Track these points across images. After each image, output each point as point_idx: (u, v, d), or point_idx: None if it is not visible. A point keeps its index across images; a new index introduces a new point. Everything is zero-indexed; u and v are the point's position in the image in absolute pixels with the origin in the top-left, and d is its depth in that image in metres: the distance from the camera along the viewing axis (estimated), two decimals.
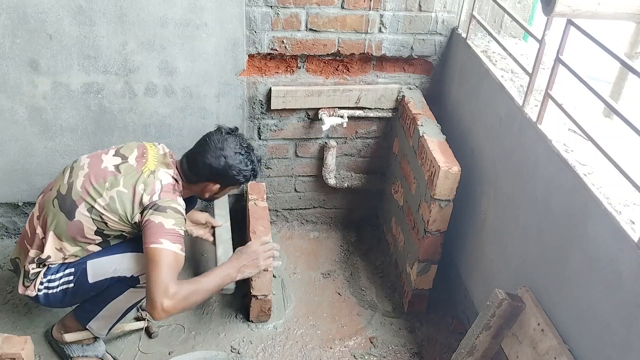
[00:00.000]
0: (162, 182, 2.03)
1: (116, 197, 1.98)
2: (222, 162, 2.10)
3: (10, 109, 2.48)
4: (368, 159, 3.01)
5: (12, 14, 2.27)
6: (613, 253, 1.57)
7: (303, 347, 2.47)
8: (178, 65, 2.51)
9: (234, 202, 3.00)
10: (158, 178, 2.03)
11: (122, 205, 1.98)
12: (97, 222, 2.00)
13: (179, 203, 2.03)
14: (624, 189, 1.65)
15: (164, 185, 2.03)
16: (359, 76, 2.74)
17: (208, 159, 2.09)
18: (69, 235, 2.02)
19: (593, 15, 1.64)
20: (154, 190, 1.99)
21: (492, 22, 2.69)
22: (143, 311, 2.52)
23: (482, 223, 2.38)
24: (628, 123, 1.54)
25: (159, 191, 2.00)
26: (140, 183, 2.00)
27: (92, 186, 2.00)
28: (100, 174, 2.03)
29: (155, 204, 1.97)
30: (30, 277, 2.06)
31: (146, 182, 2.00)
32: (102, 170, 2.04)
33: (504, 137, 2.19)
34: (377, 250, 3.05)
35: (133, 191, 1.99)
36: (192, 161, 2.13)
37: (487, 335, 2.00)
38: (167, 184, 2.04)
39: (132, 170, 2.04)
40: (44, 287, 2.06)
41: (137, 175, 2.02)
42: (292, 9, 2.49)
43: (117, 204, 1.98)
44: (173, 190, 2.05)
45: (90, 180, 2.02)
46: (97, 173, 2.03)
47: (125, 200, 1.98)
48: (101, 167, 2.05)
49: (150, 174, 2.03)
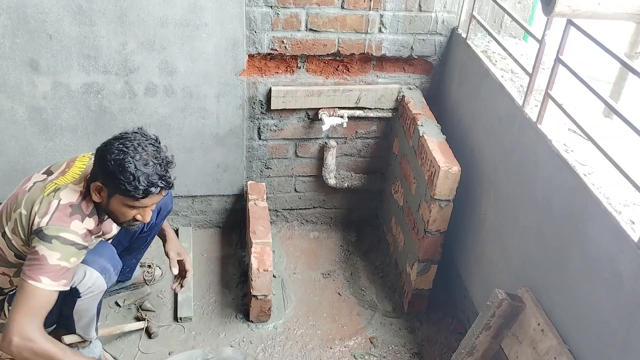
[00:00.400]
0: (59, 202, 1.80)
1: (17, 220, 1.83)
2: (114, 150, 1.77)
3: (10, 109, 2.48)
4: (368, 159, 3.01)
5: (12, 14, 2.27)
6: (613, 253, 1.57)
7: (303, 347, 2.47)
8: (178, 65, 2.51)
9: (234, 202, 3.00)
10: (58, 197, 1.81)
11: (22, 227, 1.82)
12: (12, 247, 1.89)
13: (71, 230, 1.78)
14: (624, 189, 1.65)
15: (61, 205, 1.80)
16: (359, 76, 2.75)
17: (102, 148, 1.82)
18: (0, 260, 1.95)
19: (593, 15, 1.64)
20: (46, 212, 1.78)
21: (492, 22, 2.69)
22: (143, 311, 2.52)
23: (482, 223, 2.38)
24: (628, 123, 1.54)
25: (51, 214, 1.78)
26: (38, 203, 1.80)
27: (6, 210, 1.89)
28: (16, 195, 1.89)
29: (41, 231, 1.76)
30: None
31: (42, 202, 1.80)
32: (20, 190, 1.90)
33: (504, 137, 2.19)
34: (377, 250, 3.05)
35: (29, 212, 1.81)
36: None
37: (487, 335, 2.00)
38: (64, 205, 1.80)
39: (39, 188, 1.86)
40: None
41: (40, 193, 1.83)
42: (292, 9, 2.49)
43: (19, 227, 1.83)
44: (70, 212, 1.81)
45: (7, 204, 1.91)
46: (15, 195, 1.90)
47: (23, 222, 1.82)
48: (23, 187, 1.90)
49: (52, 192, 1.83)
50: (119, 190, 1.79)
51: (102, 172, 1.80)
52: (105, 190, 1.83)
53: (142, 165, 1.78)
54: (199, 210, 3.00)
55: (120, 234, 2.27)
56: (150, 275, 2.67)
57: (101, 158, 1.80)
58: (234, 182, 2.91)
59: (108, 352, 2.33)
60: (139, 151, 1.79)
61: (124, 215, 1.89)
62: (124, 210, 1.86)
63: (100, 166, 1.81)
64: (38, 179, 1.92)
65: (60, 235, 1.77)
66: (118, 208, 1.86)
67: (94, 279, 1.98)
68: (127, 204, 1.84)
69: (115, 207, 1.86)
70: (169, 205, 2.38)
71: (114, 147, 1.79)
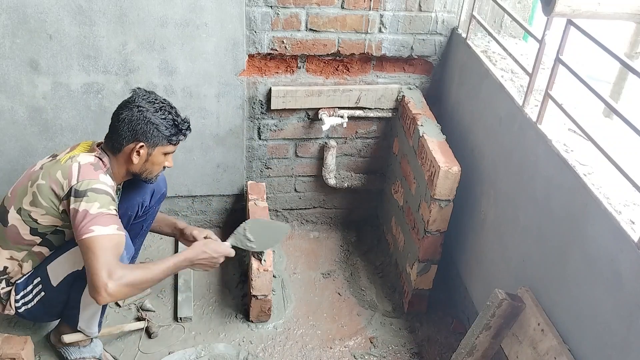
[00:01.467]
0: (80, 163, 1.94)
1: (37, 191, 1.94)
2: (136, 112, 1.97)
3: (10, 109, 2.48)
4: (368, 159, 3.01)
5: (12, 14, 2.27)
6: (613, 253, 1.57)
7: (303, 347, 2.47)
8: (178, 65, 2.51)
9: (234, 202, 3.00)
10: (76, 161, 1.95)
11: (43, 197, 1.93)
12: (28, 221, 1.97)
13: (101, 181, 1.92)
14: (624, 189, 1.65)
15: (82, 165, 1.94)
16: (359, 76, 2.75)
17: (122, 114, 1.98)
18: (10, 241, 2.02)
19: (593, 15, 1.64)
20: (71, 175, 1.92)
21: (492, 22, 2.69)
22: (143, 311, 2.52)
23: (482, 223, 2.38)
24: (628, 123, 1.54)
25: (77, 174, 1.92)
26: (58, 170, 1.94)
27: (19, 188, 2.00)
28: (27, 175, 2.03)
29: (74, 190, 1.89)
30: (2, 297, 2.08)
31: (63, 168, 1.94)
32: (29, 172, 2.04)
33: (504, 137, 2.19)
34: (377, 250, 3.05)
35: (51, 180, 1.93)
36: (111, 128, 2.03)
37: (487, 335, 2.00)
38: (85, 164, 1.95)
39: (53, 162, 2.00)
40: (21, 304, 2.07)
41: (55, 164, 1.97)
42: (292, 9, 2.49)
43: (40, 197, 1.94)
44: (94, 168, 1.95)
45: (18, 185, 2.02)
46: (25, 176, 2.03)
47: (45, 191, 1.93)
48: (31, 170, 2.04)
49: (69, 159, 1.97)
50: (164, 139, 2.03)
51: (144, 130, 1.99)
52: (145, 147, 2.01)
53: (175, 112, 2.06)
54: (199, 210, 3.00)
55: None
56: None
57: (137, 118, 1.97)
58: (234, 182, 2.91)
59: (108, 352, 2.33)
60: (161, 102, 2.04)
61: (159, 166, 2.10)
62: (161, 160, 2.08)
63: (138, 126, 1.98)
64: (44, 161, 2.03)
65: (93, 186, 1.89)
66: (158, 159, 2.07)
67: None
68: (166, 151, 2.08)
69: (156, 159, 2.06)
70: (163, 188, 2.39)
71: (142, 105, 1.99)
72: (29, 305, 2.07)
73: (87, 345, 2.25)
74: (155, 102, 2.02)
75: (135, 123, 1.98)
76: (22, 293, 2.06)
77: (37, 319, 2.17)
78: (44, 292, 2.06)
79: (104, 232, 1.85)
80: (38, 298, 2.07)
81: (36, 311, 2.10)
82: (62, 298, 2.08)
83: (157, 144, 2.03)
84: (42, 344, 2.34)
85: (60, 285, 2.04)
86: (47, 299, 2.07)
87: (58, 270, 2.03)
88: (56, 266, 2.03)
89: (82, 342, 2.23)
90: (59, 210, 1.93)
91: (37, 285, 2.05)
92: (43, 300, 2.07)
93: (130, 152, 2.01)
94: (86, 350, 2.25)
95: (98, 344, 2.29)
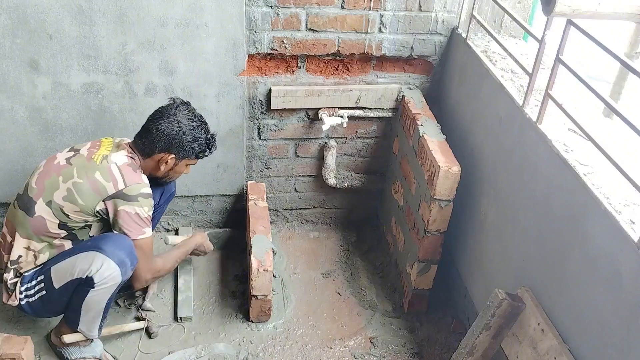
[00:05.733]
0: (117, 164, 2.05)
1: (73, 189, 2.00)
2: (176, 127, 2.11)
3: (10, 109, 2.48)
4: (368, 159, 3.01)
5: (12, 14, 2.27)
6: (613, 253, 1.57)
7: (303, 347, 2.47)
8: (178, 65, 2.51)
9: (234, 201, 3.00)
10: (112, 161, 2.05)
11: (80, 195, 2.00)
12: (58, 215, 2.03)
13: (145, 183, 2.09)
14: (624, 189, 1.65)
15: (121, 167, 2.05)
16: (359, 76, 2.75)
17: (161, 125, 2.10)
18: (33, 231, 2.05)
19: (593, 15, 1.64)
20: (114, 177, 2.02)
21: (492, 22, 2.69)
22: (143, 311, 2.52)
23: (482, 223, 2.38)
24: (628, 123, 1.54)
25: (121, 177, 2.03)
26: (96, 171, 2.02)
27: (47, 180, 2.04)
28: (52, 168, 2.07)
29: (124, 194, 2.02)
30: (9, 287, 2.10)
31: (101, 169, 2.02)
32: (54, 165, 2.08)
33: (504, 137, 2.19)
34: (377, 250, 3.05)
35: (90, 180, 2.01)
36: (145, 131, 2.14)
37: (487, 335, 2.00)
38: (123, 165, 2.06)
39: (83, 160, 2.06)
40: (24, 297, 2.09)
41: (89, 163, 2.04)
42: (292, 9, 2.49)
43: (76, 194, 2.00)
44: (133, 168, 2.08)
45: (44, 176, 2.06)
46: (50, 169, 2.08)
47: (83, 190, 2.00)
48: (54, 163, 2.10)
49: (103, 159, 2.05)
50: (193, 154, 2.20)
51: (178, 143, 2.13)
52: (174, 158, 2.17)
53: (207, 130, 2.21)
54: (199, 210, 3.00)
55: None
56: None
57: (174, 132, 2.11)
58: (234, 182, 2.91)
59: (108, 352, 2.33)
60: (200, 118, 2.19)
61: (180, 174, 2.30)
62: (183, 170, 2.27)
63: (174, 139, 2.12)
64: (68, 155, 2.11)
65: (142, 191, 2.06)
66: (180, 169, 2.25)
67: (111, 270, 2.01)
68: (192, 163, 2.28)
69: (180, 168, 2.24)
70: (172, 188, 2.54)
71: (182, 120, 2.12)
72: (30, 299, 2.09)
73: (87, 345, 2.25)
74: (194, 119, 2.15)
75: (173, 137, 2.11)
76: (26, 286, 2.08)
77: (38, 314, 2.19)
78: (45, 291, 2.07)
79: (150, 234, 2.14)
80: (39, 295, 2.08)
81: (37, 307, 2.11)
82: (62, 300, 2.09)
83: (185, 157, 2.20)
84: (42, 344, 2.34)
85: (62, 289, 2.05)
86: (48, 298, 2.08)
87: (61, 273, 2.04)
88: (60, 269, 2.04)
89: (82, 342, 2.24)
90: (95, 208, 2.03)
91: (40, 283, 2.07)
92: (43, 298, 2.08)
93: (159, 160, 2.15)
94: (86, 350, 2.25)
95: (98, 344, 2.29)
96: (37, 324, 2.43)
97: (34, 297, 2.09)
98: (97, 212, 2.04)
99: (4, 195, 2.72)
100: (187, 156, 2.19)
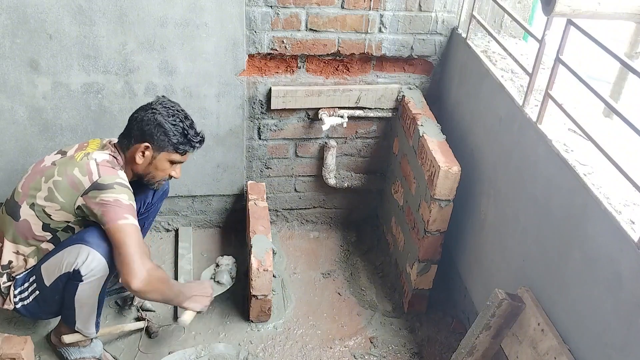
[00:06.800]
0: (96, 160, 2.00)
1: (53, 187, 1.97)
2: (151, 116, 2.03)
3: (10, 109, 2.48)
4: (368, 159, 3.01)
5: (12, 14, 2.27)
6: (613, 253, 1.57)
7: (303, 347, 2.47)
8: (178, 65, 2.51)
9: (234, 202, 3.00)
10: (92, 158, 2.00)
11: (60, 193, 1.97)
12: (41, 217, 2.00)
13: (121, 177, 2.00)
14: (624, 189, 1.65)
15: (99, 162, 1.99)
16: (359, 76, 2.75)
17: (139, 115, 2.06)
18: (20, 236, 2.04)
19: (593, 15, 1.64)
20: (90, 171, 1.97)
21: (492, 22, 2.69)
22: (143, 311, 2.52)
23: (482, 223, 2.38)
24: (628, 123, 1.54)
25: (97, 170, 1.97)
26: (75, 167, 1.98)
27: (31, 183, 2.02)
28: (38, 171, 2.05)
29: (98, 184, 1.94)
30: (3, 291, 2.09)
31: (80, 165, 1.98)
32: (40, 168, 2.06)
33: (504, 137, 2.19)
34: (377, 250, 3.05)
35: (68, 177, 1.97)
36: (126, 126, 2.10)
37: (487, 335, 2.00)
38: (102, 161, 2.00)
39: (66, 159, 2.03)
40: (18, 300, 2.09)
41: (70, 161, 2.01)
42: (292, 9, 2.49)
43: (56, 192, 1.97)
44: (112, 165, 2.02)
45: (29, 180, 2.04)
46: (36, 171, 2.06)
47: (62, 187, 1.97)
48: (40, 166, 2.07)
49: (84, 156, 2.01)
50: (170, 146, 2.06)
51: (152, 131, 2.03)
52: (151, 149, 2.06)
53: (189, 124, 2.08)
54: (199, 210, 3.00)
55: None
56: None
57: (149, 119, 2.03)
58: (234, 182, 2.91)
59: (108, 352, 2.33)
60: (180, 112, 2.08)
61: (163, 172, 2.13)
62: (166, 166, 2.11)
63: (148, 126, 2.03)
64: (54, 158, 2.07)
65: (117, 181, 1.96)
66: (161, 165, 2.10)
67: (97, 261, 1.98)
68: (172, 159, 2.11)
69: (160, 164, 2.10)
70: (165, 185, 2.44)
71: (159, 108, 2.04)
72: (25, 302, 2.09)
73: (87, 345, 2.25)
74: (171, 109, 2.07)
75: (145, 123, 2.04)
76: (19, 289, 2.08)
77: (35, 316, 2.18)
78: (38, 291, 2.07)
79: (136, 223, 1.94)
80: (33, 296, 2.08)
81: (32, 308, 2.11)
82: (56, 298, 2.08)
83: (162, 148, 2.07)
84: (42, 344, 2.34)
85: (52, 286, 2.04)
86: (42, 298, 2.08)
87: (51, 270, 2.03)
88: (49, 266, 2.04)
89: (82, 343, 2.23)
90: (74, 205, 1.97)
91: (33, 284, 2.07)
92: (38, 299, 2.08)
93: (135, 151, 2.06)
94: (86, 351, 2.25)
95: (98, 344, 2.29)
96: (37, 324, 2.43)
97: (29, 298, 2.08)
98: (76, 210, 1.98)
99: (4, 195, 2.71)
100: (164, 147, 2.06)
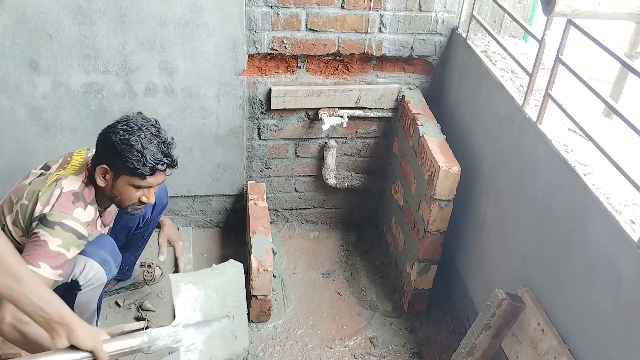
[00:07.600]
0: (62, 190, 1.84)
1: (19, 211, 1.85)
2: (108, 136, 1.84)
3: (10, 109, 2.48)
4: (368, 159, 3.01)
5: (12, 14, 2.27)
6: (613, 253, 1.57)
7: (303, 347, 2.47)
8: (178, 65, 2.51)
9: (234, 201, 3.00)
10: (60, 186, 1.85)
11: (23, 218, 1.84)
12: (10, 239, 1.87)
13: (75, 217, 1.82)
14: (624, 189, 1.65)
15: (63, 193, 1.83)
16: (359, 76, 2.75)
17: (102, 133, 1.88)
18: None
19: (593, 15, 1.64)
20: (48, 201, 1.81)
21: (492, 22, 2.69)
22: (143, 311, 2.52)
23: (482, 223, 2.38)
24: (628, 123, 1.54)
25: (53, 202, 1.81)
26: (41, 193, 1.83)
27: (7, 203, 1.91)
28: (16, 190, 1.92)
29: (44, 218, 1.78)
30: None
31: (45, 191, 1.84)
32: (21, 186, 1.93)
33: (504, 137, 2.19)
34: (377, 250, 3.05)
35: (32, 202, 1.83)
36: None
37: (487, 335, 2.00)
38: (66, 192, 1.84)
39: (40, 181, 1.89)
40: None
41: (42, 184, 1.87)
42: (292, 9, 2.49)
43: (20, 217, 1.85)
44: (73, 200, 1.84)
45: (8, 197, 1.93)
46: (16, 189, 1.93)
47: (25, 212, 1.84)
48: (22, 183, 1.95)
49: (54, 182, 1.86)
50: (126, 169, 1.84)
51: (108, 154, 1.84)
52: (111, 172, 1.87)
53: (147, 143, 1.84)
54: (199, 210, 3.00)
55: (117, 231, 2.27)
56: (150, 275, 2.66)
57: (106, 140, 1.85)
58: (234, 182, 2.91)
59: None
60: (143, 130, 1.85)
61: (130, 198, 1.92)
62: (130, 191, 1.90)
63: (105, 148, 1.85)
64: (35, 175, 1.96)
65: (63, 221, 1.79)
66: (124, 190, 1.90)
67: (95, 270, 1.95)
68: (134, 184, 1.89)
69: (122, 188, 1.89)
70: (164, 199, 2.37)
71: (118, 128, 1.85)
72: None
73: None
74: (133, 127, 1.84)
75: (103, 144, 1.87)
76: None
77: None
78: None
79: (45, 275, 1.72)
80: None
81: None
82: None
83: (121, 171, 1.86)
84: None
85: None
86: None
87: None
88: None
89: None
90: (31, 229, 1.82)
91: None
92: None
93: (97, 174, 1.89)
94: None
95: None
96: None
97: None
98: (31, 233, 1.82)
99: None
100: (122, 171, 1.85)
